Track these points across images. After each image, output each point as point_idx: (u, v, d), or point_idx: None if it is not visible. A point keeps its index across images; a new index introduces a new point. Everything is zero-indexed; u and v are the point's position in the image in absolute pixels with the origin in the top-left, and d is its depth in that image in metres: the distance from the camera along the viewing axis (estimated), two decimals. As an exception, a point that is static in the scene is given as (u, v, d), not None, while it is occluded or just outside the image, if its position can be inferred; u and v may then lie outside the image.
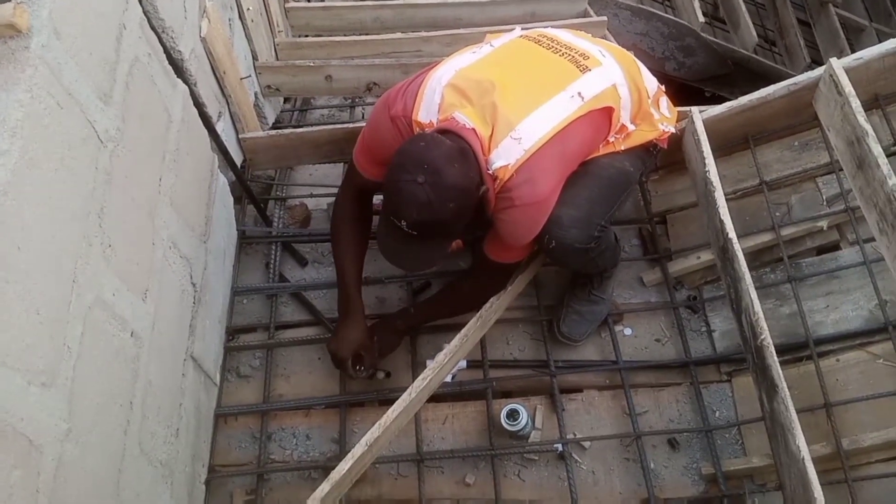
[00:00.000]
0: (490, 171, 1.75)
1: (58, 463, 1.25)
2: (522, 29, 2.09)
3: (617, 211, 2.01)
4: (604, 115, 1.87)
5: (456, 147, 1.70)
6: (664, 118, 2.06)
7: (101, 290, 1.41)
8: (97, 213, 1.40)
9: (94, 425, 1.38)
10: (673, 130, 2.09)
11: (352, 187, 2.10)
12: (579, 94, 1.82)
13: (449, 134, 1.74)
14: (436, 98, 1.81)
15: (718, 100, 3.28)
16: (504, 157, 1.73)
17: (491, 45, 1.98)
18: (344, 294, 2.09)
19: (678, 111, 2.24)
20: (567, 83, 1.83)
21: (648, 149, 2.04)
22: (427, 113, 1.82)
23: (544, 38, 1.98)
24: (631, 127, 1.96)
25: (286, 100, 3.18)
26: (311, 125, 3.00)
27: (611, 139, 1.96)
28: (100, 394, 1.41)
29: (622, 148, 1.97)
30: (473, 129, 1.74)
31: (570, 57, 1.90)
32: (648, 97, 1.99)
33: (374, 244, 1.97)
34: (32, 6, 1.21)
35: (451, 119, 1.77)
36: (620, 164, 1.97)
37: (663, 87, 2.11)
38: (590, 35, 2.14)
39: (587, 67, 1.87)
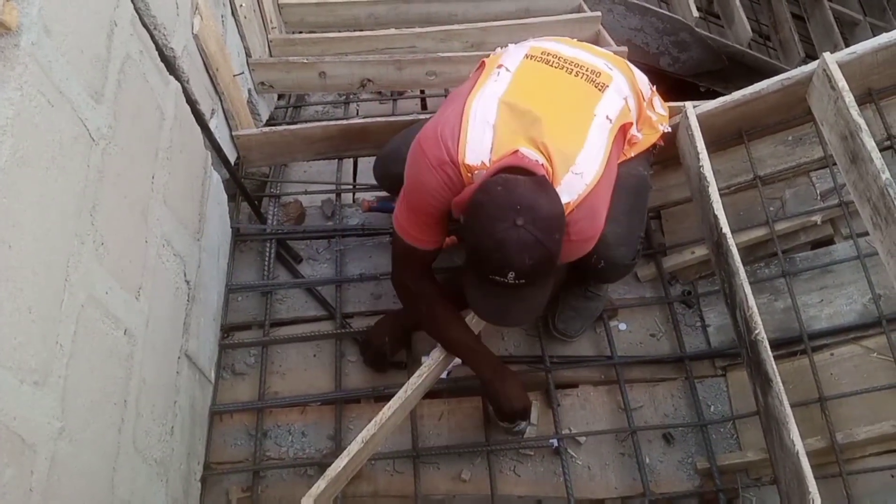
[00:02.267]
0: None
1: (51, 462, 1.24)
2: (516, 44, 1.99)
3: (647, 218, 2.01)
4: (622, 133, 1.86)
5: (532, 178, 1.59)
6: (661, 118, 2.06)
7: (93, 289, 1.40)
8: (89, 211, 1.40)
9: (88, 424, 1.38)
10: (669, 130, 2.09)
11: (414, 268, 1.93)
12: (607, 117, 1.78)
13: (514, 170, 1.62)
14: (486, 137, 1.66)
15: (713, 95, 3.28)
16: (568, 192, 1.65)
17: (507, 70, 1.83)
18: (484, 353, 2.00)
19: (672, 106, 2.24)
20: (593, 106, 1.78)
21: (650, 149, 2.04)
22: (476, 154, 1.66)
23: (552, 58, 1.87)
24: (639, 136, 1.95)
25: (280, 97, 3.18)
26: (306, 122, 3.00)
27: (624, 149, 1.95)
28: (93, 392, 1.41)
29: (632, 155, 1.96)
30: (543, 165, 1.64)
31: (585, 76, 1.84)
32: (644, 100, 1.99)
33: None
34: (22, 3, 1.20)
35: (517, 156, 1.64)
36: (636, 171, 1.97)
37: (654, 87, 2.10)
38: (576, 41, 2.10)
39: (604, 85, 1.83)
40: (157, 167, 1.75)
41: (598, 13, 3.14)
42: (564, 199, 1.63)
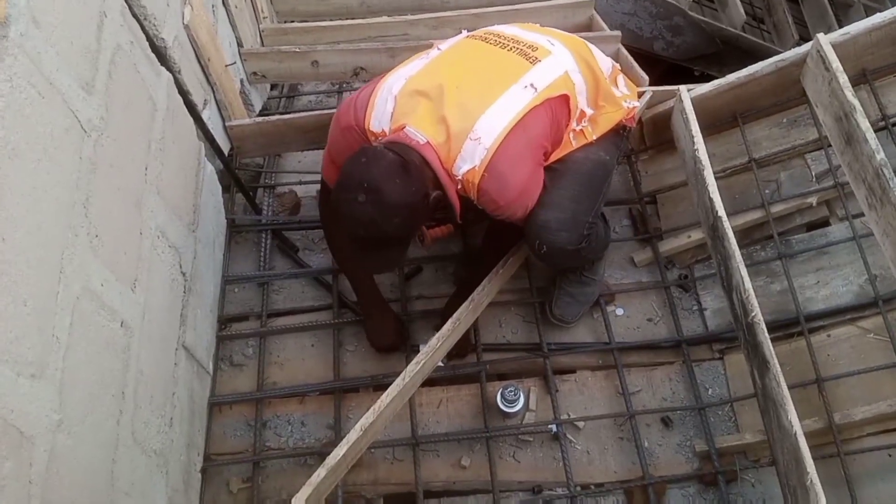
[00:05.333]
0: (459, 177, 1.73)
1: (50, 454, 1.24)
2: (468, 31, 2.06)
3: (601, 203, 2.00)
4: (561, 103, 1.85)
5: (398, 161, 1.67)
6: (625, 96, 2.04)
7: (88, 281, 1.40)
8: (82, 203, 1.39)
9: (87, 416, 1.38)
10: (637, 105, 2.07)
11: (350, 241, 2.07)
12: (532, 85, 1.79)
13: (399, 146, 1.71)
14: (388, 107, 1.80)
15: (707, 79, 3.27)
16: (469, 160, 1.72)
17: (438, 49, 1.96)
18: (368, 293, 2.20)
19: (666, 90, 2.23)
20: (518, 76, 1.80)
21: (619, 132, 2.03)
22: (379, 122, 1.80)
23: (491, 36, 1.95)
24: (590, 111, 1.93)
25: (273, 86, 3.16)
26: (299, 111, 2.98)
27: (578, 127, 1.92)
28: (91, 384, 1.40)
29: (594, 138, 1.94)
30: (428, 143, 1.72)
31: (519, 50, 1.87)
32: (606, 77, 1.97)
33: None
34: (10, -6, 1.20)
35: (402, 133, 1.75)
36: (595, 155, 1.95)
37: (619, 66, 2.08)
38: (538, 25, 2.10)
39: (537, 59, 1.85)
40: (150, 158, 1.74)
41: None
42: (466, 167, 1.71)
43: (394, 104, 1.79)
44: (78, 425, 1.34)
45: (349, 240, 1.75)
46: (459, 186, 1.77)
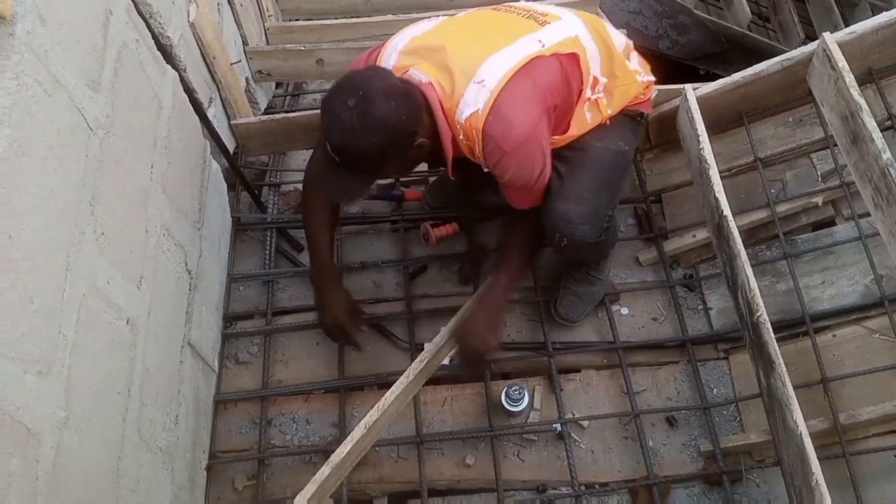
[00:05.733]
0: (462, 124, 1.70)
1: (56, 451, 1.25)
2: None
3: (620, 195, 2.00)
4: (571, 62, 1.80)
5: (402, 88, 1.67)
6: (638, 70, 2.01)
7: (94, 279, 1.40)
8: (89, 200, 1.39)
9: (93, 413, 1.38)
10: (651, 78, 2.03)
11: (319, 157, 1.95)
12: (539, 40, 1.77)
13: (405, 82, 1.71)
14: (391, 61, 1.80)
15: (713, 77, 3.26)
16: (472, 103, 1.68)
17: (448, 15, 1.96)
18: (319, 260, 2.03)
19: (671, 88, 2.23)
20: (524, 34, 1.79)
21: (636, 118, 2.01)
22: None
23: (503, 6, 1.95)
24: (603, 80, 1.89)
25: (278, 85, 3.16)
26: (304, 110, 2.98)
27: (592, 96, 1.87)
28: (97, 381, 1.41)
29: (609, 112, 1.90)
30: (430, 83, 1.71)
31: (529, 15, 1.87)
32: (619, 50, 1.95)
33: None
34: (17, -8, 1.20)
35: (406, 74, 1.74)
36: (615, 145, 1.93)
37: (632, 43, 2.05)
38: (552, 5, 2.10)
39: (546, 21, 1.84)
40: (155, 156, 1.74)
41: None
42: (469, 110, 1.68)
43: (397, 58, 1.79)
44: (84, 423, 1.34)
45: (322, 150, 1.72)
46: (462, 137, 1.73)
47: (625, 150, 1.97)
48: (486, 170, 1.79)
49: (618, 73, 1.92)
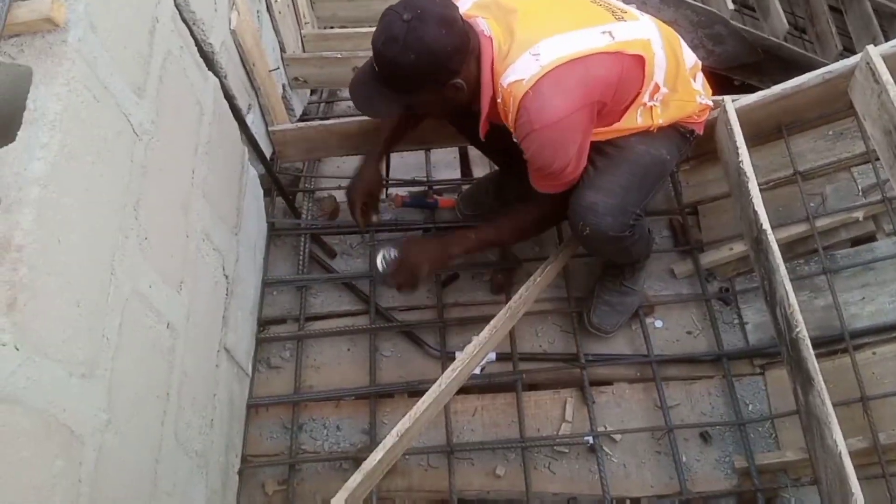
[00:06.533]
0: (504, 86, 1.70)
1: (98, 453, 1.26)
2: None
3: (652, 199, 1.99)
4: (635, 64, 1.79)
5: (461, 26, 1.70)
6: (700, 92, 2.01)
7: (137, 282, 1.42)
8: (133, 205, 1.41)
9: (133, 416, 1.40)
10: (710, 103, 2.03)
11: (367, 63, 1.96)
12: (609, 33, 1.76)
13: (467, 25, 1.74)
14: (464, 6, 1.82)
15: (747, 88, 3.23)
16: (520, 71, 1.68)
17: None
18: (374, 144, 2.19)
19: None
20: (599, 23, 1.78)
21: (685, 135, 2.00)
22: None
23: None
24: (664, 90, 1.88)
25: (313, 91, 3.19)
26: (338, 117, 3.00)
27: (649, 103, 1.87)
28: (138, 385, 1.42)
29: (660, 122, 1.90)
30: (490, 38, 1.73)
31: (607, 6, 1.86)
32: (686, 68, 1.95)
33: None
34: (69, 0, 1.22)
35: (473, 20, 1.77)
36: (657, 151, 1.93)
37: (701, 64, 2.04)
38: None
39: (623, 17, 1.83)
40: (196, 162, 1.76)
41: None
42: (514, 77, 1.69)
43: (470, 6, 1.83)
44: (125, 425, 1.36)
45: (367, 65, 1.78)
46: (500, 100, 1.74)
47: (665, 159, 1.96)
48: (514, 140, 1.79)
49: (679, 88, 1.93)
